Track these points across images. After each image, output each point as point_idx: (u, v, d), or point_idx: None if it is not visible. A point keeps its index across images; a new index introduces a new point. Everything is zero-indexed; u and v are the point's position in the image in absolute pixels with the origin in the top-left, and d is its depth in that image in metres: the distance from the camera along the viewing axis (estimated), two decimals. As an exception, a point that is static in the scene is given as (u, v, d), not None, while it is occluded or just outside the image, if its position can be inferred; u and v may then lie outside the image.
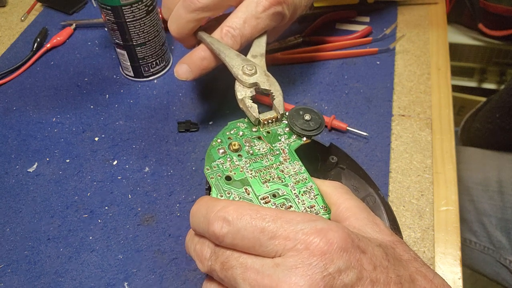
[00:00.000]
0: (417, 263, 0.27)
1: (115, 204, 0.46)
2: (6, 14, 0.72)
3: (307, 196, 0.32)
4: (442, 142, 0.50)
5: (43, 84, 0.59)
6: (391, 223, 0.37)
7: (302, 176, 0.33)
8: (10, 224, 0.45)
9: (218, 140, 0.35)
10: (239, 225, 0.26)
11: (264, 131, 0.36)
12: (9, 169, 0.50)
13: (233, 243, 0.26)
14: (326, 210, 0.31)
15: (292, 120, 0.36)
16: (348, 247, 0.24)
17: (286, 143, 0.36)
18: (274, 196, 0.32)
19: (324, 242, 0.24)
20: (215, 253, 0.27)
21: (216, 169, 0.33)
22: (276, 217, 0.26)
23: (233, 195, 0.31)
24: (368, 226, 0.28)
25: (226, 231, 0.26)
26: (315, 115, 0.37)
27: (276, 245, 0.25)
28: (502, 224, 0.64)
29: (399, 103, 0.54)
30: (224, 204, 0.27)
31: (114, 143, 0.52)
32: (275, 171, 0.33)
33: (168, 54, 0.59)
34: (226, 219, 0.26)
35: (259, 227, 0.25)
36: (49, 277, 0.41)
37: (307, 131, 0.36)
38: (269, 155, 0.34)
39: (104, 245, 0.43)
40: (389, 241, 0.28)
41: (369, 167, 0.47)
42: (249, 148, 0.35)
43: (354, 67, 0.58)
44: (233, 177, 0.32)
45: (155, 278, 0.41)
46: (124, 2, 0.50)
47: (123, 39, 0.54)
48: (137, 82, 0.59)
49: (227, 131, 0.36)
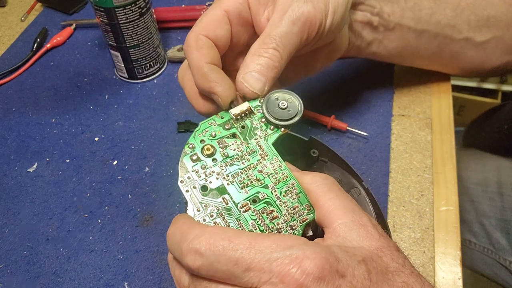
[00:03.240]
0: (404, 273, 0.26)
1: (114, 205, 0.46)
2: (6, 14, 0.72)
3: (289, 197, 0.31)
4: (442, 142, 0.49)
5: (42, 85, 0.59)
6: (376, 215, 0.36)
7: (283, 174, 0.31)
8: (9, 225, 0.45)
9: (190, 145, 0.32)
10: (212, 258, 0.25)
11: (238, 127, 0.33)
12: (8, 170, 0.50)
13: (208, 274, 0.26)
14: (310, 210, 0.30)
15: (267, 110, 0.33)
16: (325, 275, 0.24)
17: (263, 137, 0.33)
18: (254, 202, 0.30)
19: (299, 274, 0.23)
20: (192, 282, 0.27)
21: (191, 180, 0.31)
22: (250, 246, 0.25)
23: (211, 207, 0.30)
24: (354, 231, 0.27)
25: (199, 264, 0.25)
26: (292, 100, 0.33)
27: (252, 277, 0.24)
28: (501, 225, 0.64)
29: (399, 103, 0.54)
30: (197, 232, 0.26)
31: (113, 143, 0.51)
32: (253, 172, 0.32)
33: (162, 56, 0.59)
34: (198, 251, 0.25)
35: (233, 260, 0.25)
36: (48, 278, 0.41)
37: (284, 120, 0.33)
38: (246, 155, 0.32)
39: (103, 245, 0.43)
40: (376, 247, 0.27)
41: (369, 167, 0.47)
42: (223, 150, 0.32)
43: (354, 67, 0.58)
44: (209, 186, 0.31)
45: (154, 279, 0.40)
46: (117, 4, 0.50)
47: (116, 41, 0.54)
48: (137, 82, 0.58)
49: (199, 133, 0.33)
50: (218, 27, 0.35)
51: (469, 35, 0.49)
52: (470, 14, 0.48)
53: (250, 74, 0.34)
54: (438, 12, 0.47)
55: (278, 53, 0.34)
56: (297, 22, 0.35)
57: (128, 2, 0.50)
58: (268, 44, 0.34)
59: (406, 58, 0.52)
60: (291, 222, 0.30)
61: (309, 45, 0.37)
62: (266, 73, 0.34)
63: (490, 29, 0.49)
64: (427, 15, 0.47)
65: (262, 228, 0.30)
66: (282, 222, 0.30)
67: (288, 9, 0.35)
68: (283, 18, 0.35)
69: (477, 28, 0.49)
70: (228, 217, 0.30)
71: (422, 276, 0.27)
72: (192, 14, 0.65)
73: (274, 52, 0.34)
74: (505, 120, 0.71)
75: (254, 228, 0.30)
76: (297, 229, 0.30)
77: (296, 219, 0.30)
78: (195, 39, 0.34)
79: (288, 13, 0.35)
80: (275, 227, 0.30)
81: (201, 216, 0.30)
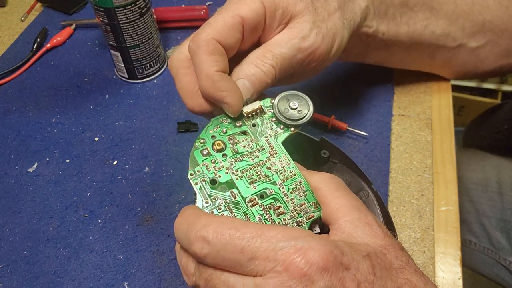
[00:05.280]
0: (408, 271, 0.26)
1: (115, 204, 0.46)
2: (6, 14, 0.72)
3: (296, 194, 0.31)
4: (442, 142, 0.49)
5: (43, 84, 0.59)
6: (384, 218, 0.36)
7: (291, 172, 0.32)
8: (9, 225, 0.45)
9: (201, 140, 0.33)
10: (219, 246, 0.25)
11: (249, 125, 0.34)
12: (9, 169, 0.50)
13: (214, 262, 0.26)
14: (316, 207, 0.31)
15: (278, 109, 0.34)
16: (329, 266, 0.24)
17: (273, 136, 0.34)
18: (261, 197, 0.31)
19: (303, 263, 0.24)
20: (198, 269, 0.27)
21: (200, 173, 0.32)
22: (256, 236, 0.25)
23: (219, 200, 0.30)
24: (359, 229, 0.28)
25: (206, 252, 0.26)
26: (303, 101, 0.34)
27: (257, 266, 0.25)
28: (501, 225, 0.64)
29: (399, 103, 0.54)
30: (204, 222, 0.27)
31: (113, 143, 0.52)
32: (262, 168, 0.32)
33: (162, 56, 0.59)
34: (206, 239, 0.26)
35: (239, 248, 0.25)
36: (48, 278, 0.41)
37: (294, 120, 0.34)
38: (255, 151, 0.33)
39: (103, 245, 0.43)
40: (381, 245, 0.27)
41: (369, 167, 0.47)
42: (233, 146, 0.33)
43: (354, 67, 0.58)
44: (218, 180, 0.31)
45: (154, 279, 0.40)
46: (117, 4, 0.50)
47: (116, 41, 0.54)
48: (137, 82, 0.58)
49: (210, 129, 0.34)
50: (231, 35, 0.33)
51: (463, 42, 0.49)
52: (464, 21, 0.48)
53: (242, 81, 0.34)
54: (433, 23, 0.47)
55: (274, 70, 0.35)
56: (303, 52, 0.35)
57: (128, 2, 0.50)
58: (268, 60, 0.34)
59: (394, 64, 0.53)
60: (298, 219, 0.30)
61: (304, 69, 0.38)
62: (256, 85, 0.34)
63: (485, 34, 0.49)
64: (421, 27, 0.47)
65: (269, 222, 0.30)
66: (289, 218, 0.30)
67: (299, 34, 0.35)
68: (291, 41, 0.35)
69: (471, 34, 0.49)
70: (235, 211, 0.30)
71: (425, 275, 0.27)
72: (192, 14, 0.65)
73: (271, 69, 0.34)
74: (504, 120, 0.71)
75: (261, 222, 0.30)
76: (303, 226, 0.30)
77: (302, 215, 0.30)
78: (206, 41, 0.33)
79: (298, 40, 0.35)
80: (281, 223, 0.30)
81: (209, 208, 0.30)
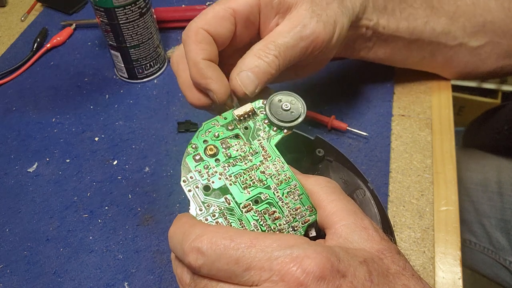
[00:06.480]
0: (405, 276, 0.26)
1: (115, 204, 0.46)
2: (6, 14, 0.72)
3: (291, 198, 0.31)
4: (442, 142, 0.49)
5: (43, 84, 0.59)
6: (381, 217, 0.36)
7: (285, 175, 0.32)
8: (9, 225, 0.45)
9: (193, 146, 0.32)
10: (214, 257, 0.25)
11: (241, 127, 0.33)
12: (9, 169, 0.50)
13: (209, 273, 0.26)
14: (312, 211, 0.30)
15: (270, 111, 0.33)
16: (325, 274, 0.24)
17: (266, 138, 0.33)
18: (256, 202, 0.30)
19: (300, 272, 0.23)
20: (193, 280, 0.27)
21: (193, 180, 0.31)
22: (251, 245, 0.25)
23: (213, 207, 0.30)
24: (355, 233, 0.27)
25: (201, 263, 0.25)
26: (295, 102, 0.34)
27: (252, 276, 0.24)
28: (501, 225, 0.64)
29: (399, 103, 0.54)
30: (198, 232, 0.26)
31: (113, 143, 0.52)
32: (256, 173, 0.31)
33: (162, 56, 0.59)
34: (200, 250, 0.25)
35: (233, 258, 0.25)
36: (48, 278, 0.41)
37: (287, 122, 0.33)
38: (248, 155, 0.32)
39: (103, 245, 0.43)
40: (377, 250, 0.27)
41: (369, 167, 0.47)
42: (226, 150, 0.32)
43: (354, 67, 0.58)
44: (211, 186, 0.31)
45: (154, 279, 0.40)
46: (117, 4, 0.50)
47: (116, 41, 0.54)
48: (137, 82, 0.58)
49: (202, 133, 0.33)
50: (221, 24, 0.35)
51: (464, 41, 0.49)
52: (465, 21, 0.48)
53: (246, 73, 0.34)
54: (433, 20, 0.47)
55: (278, 61, 0.35)
56: (306, 40, 0.36)
57: (128, 2, 0.50)
58: (271, 50, 0.34)
59: (396, 62, 0.52)
60: (293, 223, 0.30)
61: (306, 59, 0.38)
62: (261, 76, 0.34)
63: (486, 34, 0.49)
64: (422, 24, 0.47)
65: (264, 228, 0.30)
66: (284, 223, 0.30)
67: (300, 23, 0.35)
68: (293, 31, 0.35)
69: (472, 34, 0.49)
70: (230, 217, 0.30)
71: (423, 280, 0.27)
72: (192, 14, 0.65)
73: (274, 59, 0.34)
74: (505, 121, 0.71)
75: (256, 228, 0.30)
76: (299, 230, 0.30)
77: (298, 220, 0.30)
78: (195, 31, 0.34)
79: (299, 28, 0.35)
80: (277, 228, 0.30)
81: (203, 215, 0.30)
